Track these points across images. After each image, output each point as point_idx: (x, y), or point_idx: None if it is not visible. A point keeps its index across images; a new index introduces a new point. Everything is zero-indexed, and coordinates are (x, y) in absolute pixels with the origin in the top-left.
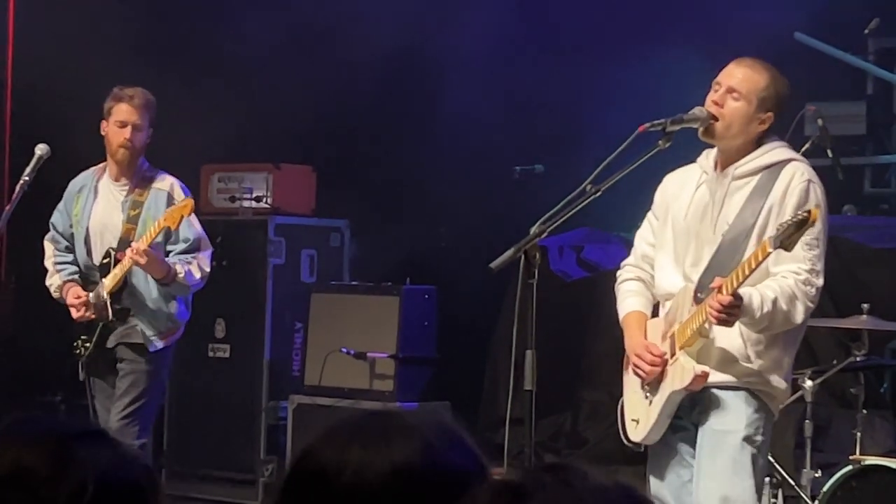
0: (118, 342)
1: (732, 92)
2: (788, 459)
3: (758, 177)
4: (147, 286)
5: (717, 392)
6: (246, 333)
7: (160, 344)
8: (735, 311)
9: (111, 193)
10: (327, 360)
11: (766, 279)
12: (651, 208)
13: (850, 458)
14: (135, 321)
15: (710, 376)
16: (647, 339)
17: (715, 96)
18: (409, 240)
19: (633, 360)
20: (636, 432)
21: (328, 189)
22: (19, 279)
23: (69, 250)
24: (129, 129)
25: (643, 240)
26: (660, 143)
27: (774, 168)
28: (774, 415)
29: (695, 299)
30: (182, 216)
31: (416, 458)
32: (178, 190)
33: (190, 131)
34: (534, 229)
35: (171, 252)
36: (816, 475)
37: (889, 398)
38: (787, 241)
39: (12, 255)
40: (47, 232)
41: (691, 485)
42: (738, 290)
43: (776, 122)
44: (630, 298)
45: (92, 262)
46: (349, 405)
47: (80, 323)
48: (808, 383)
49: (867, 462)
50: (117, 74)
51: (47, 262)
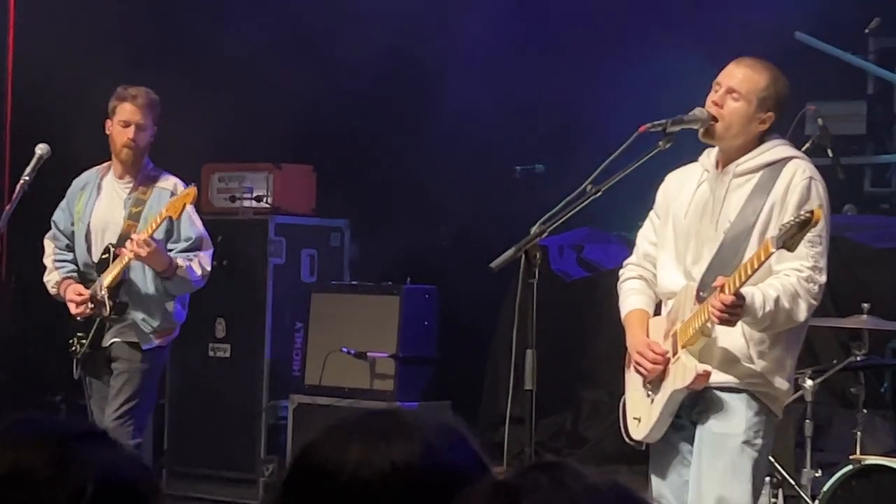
0: (114, 340)
1: (732, 92)
2: (789, 459)
3: (759, 174)
4: (145, 282)
5: (719, 393)
6: (246, 333)
7: (156, 342)
8: (737, 310)
9: (114, 191)
10: (328, 359)
11: (768, 277)
12: (653, 207)
13: (851, 457)
14: (132, 316)
15: (712, 376)
16: (649, 337)
17: (715, 97)
18: (409, 239)
19: (634, 358)
20: (638, 430)
21: (329, 189)
22: (19, 279)
23: (69, 249)
24: (133, 128)
25: (645, 239)
26: (660, 143)
27: (776, 166)
28: (778, 415)
29: (697, 298)
30: (185, 204)
31: (416, 457)
32: (181, 189)
33: (190, 131)
34: (534, 229)
35: (173, 250)
36: (817, 475)
37: (889, 398)
38: (789, 241)
39: (12, 254)
40: (48, 231)
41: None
42: (740, 290)
43: (777, 121)
44: (632, 297)
45: (91, 259)
46: (349, 405)
47: (77, 320)
48: (809, 383)
49: (867, 462)
50: (117, 74)
51: (46, 260)
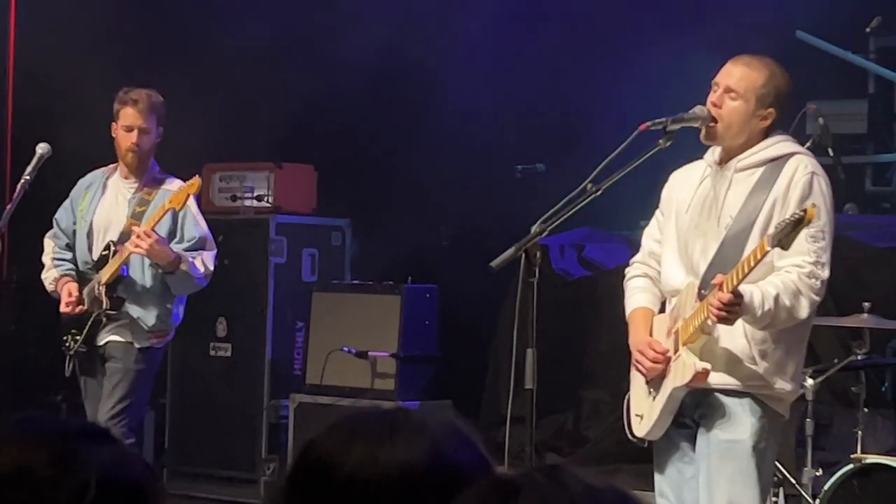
0: (108, 339)
1: (730, 92)
2: (790, 458)
3: (761, 170)
4: (144, 279)
5: (721, 397)
6: (247, 332)
7: (151, 342)
8: (735, 308)
9: (119, 191)
10: (329, 359)
11: (770, 273)
12: (658, 205)
13: (852, 456)
14: (128, 314)
15: (715, 378)
16: (653, 335)
17: (713, 97)
18: (410, 239)
19: (635, 356)
20: (640, 428)
21: (329, 188)
22: (20, 278)
23: (69, 248)
24: (136, 133)
25: (650, 237)
26: (660, 141)
27: (778, 161)
28: (784, 415)
29: (698, 296)
30: (188, 195)
31: (419, 456)
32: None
33: (191, 131)
34: (535, 228)
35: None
36: (817, 474)
37: (890, 397)
38: (784, 239)
39: (13, 254)
40: (49, 230)
41: (693, 481)
42: (738, 288)
43: (780, 116)
44: (637, 295)
45: (91, 257)
46: (350, 404)
47: (71, 317)
48: (810, 382)
49: (868, 461)
50: (118, 74)
51: (45, 258)
